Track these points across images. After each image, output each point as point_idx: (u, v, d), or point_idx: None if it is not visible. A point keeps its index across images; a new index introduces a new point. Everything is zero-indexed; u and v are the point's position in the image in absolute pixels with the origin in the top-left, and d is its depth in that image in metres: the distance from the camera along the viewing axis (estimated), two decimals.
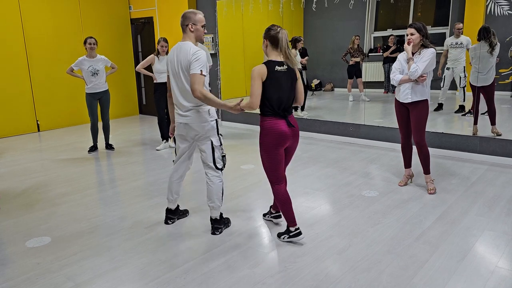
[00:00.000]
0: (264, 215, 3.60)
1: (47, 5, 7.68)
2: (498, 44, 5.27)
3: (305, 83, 7.83)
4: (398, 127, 4.26)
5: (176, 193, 3.46)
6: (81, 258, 2.99)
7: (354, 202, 3.91)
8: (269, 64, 2.93)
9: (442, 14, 7.03)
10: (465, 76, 5.97)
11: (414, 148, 4.16)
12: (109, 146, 6.21)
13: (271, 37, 2.95)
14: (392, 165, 4.99)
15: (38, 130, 7.80)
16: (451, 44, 5.97)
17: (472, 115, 5.48)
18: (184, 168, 3.40)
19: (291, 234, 3.10)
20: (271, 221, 3.52)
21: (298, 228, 3.10)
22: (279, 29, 2.96)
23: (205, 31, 3.20)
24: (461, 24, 5.92)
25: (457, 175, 4.59)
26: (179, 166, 3.39)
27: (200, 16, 3.11)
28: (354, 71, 7.49)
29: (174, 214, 3.55)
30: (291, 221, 3.08)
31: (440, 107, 6.37)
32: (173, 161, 3.40)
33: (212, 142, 3.16)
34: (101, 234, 3.37)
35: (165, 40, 5.85)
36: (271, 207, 3.52)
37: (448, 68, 6.12)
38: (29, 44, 7.51)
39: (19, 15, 7.33)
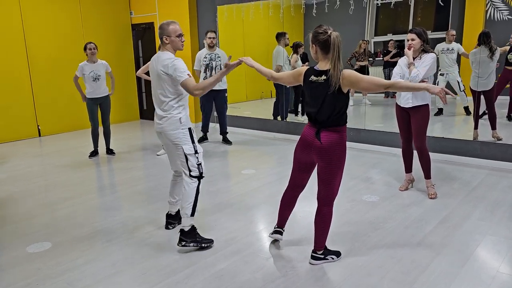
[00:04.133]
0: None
1: (48, 10, 7.71)
2: (498, 49, 5.28)
3: None
4: (398, 131, 4.27)
5: (177, 194, 3.43)
6: (82, 263, 2.99)
7: (355, 207, 3.90)
8: (308, 71, 2.71)
9: (442, 19, 7.05)
10: (461, 80, 6.00)
11: (415, 152, 4.15)
12: (109, 151, 6.21)
13: (321, 43, 2.57)
14: (393, 169, 4.99)
15: (39, 135, 7.81)
16: (443, 50, 6.01)
17: (486, 115, 5.48)
18: (177, 167, 3.39)
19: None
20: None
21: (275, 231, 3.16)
22: (330, 31, 2.55)
23: (183, 39, 3.18)
24: (454, 31, 5.96)
25: (458, 179, 4.59)
26: (172, 165, 3.43)
27: (173, 26, 3.10)
28: None
29: (174, 219, 3.54)
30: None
31: (440, 112, 6.37)
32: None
33: (183, 150, 3.08)
34: (102, 239, 3.37)
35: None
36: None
37: (442, 74, 6.14)
38: (31, 49, 7.53)
39: (21, 21, 7.36)
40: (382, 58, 7.75)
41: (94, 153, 6.11)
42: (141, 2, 8.82)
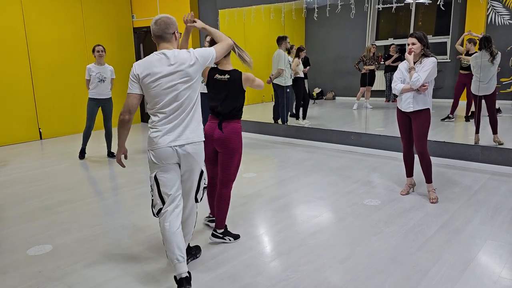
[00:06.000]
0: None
1: (50, 13, 7.74)
2: (499, 53, 5.29)
3: (307, 92, 7.86)
4: (400, 135, 4.27)
5: (183, 247, 2.66)
6: (82, 266, 2.99)
7: (356, 210, 3.90)
8: (212, 70, 3.15)
9: (442, 23, 7.07)
10: None
11: (416, 157, 4.15)
12: (111, 154, 6.22)
13: None
14: (394, 174, 4.98)
15: (41, 138, 7.82)
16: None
17: (451, 119, 5.54)
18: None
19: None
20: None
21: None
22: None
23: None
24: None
25: (459, 184, 4.58)
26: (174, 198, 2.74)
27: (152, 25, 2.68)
28: (367, 79, 7.52)
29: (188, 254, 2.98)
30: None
31: (448, 117, 6.47)
32: None
33: (202, 171, 2.73)
34: (103, 242, 3.37)
35: None
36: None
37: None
38: (32, 52, 7.55)
39: (23, 23, 7.39)
40: (383, 62, 7.77)
41: (83, 152, 6.18)
42: (143, 6, 8.86)
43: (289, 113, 7.40)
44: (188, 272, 2.56)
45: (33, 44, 7.55)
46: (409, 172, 4.32)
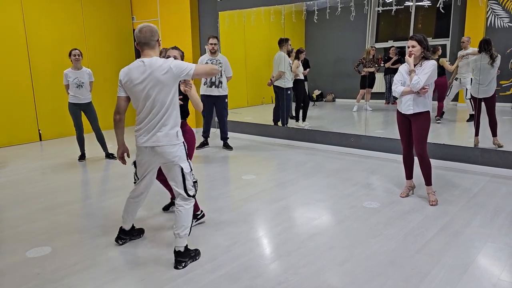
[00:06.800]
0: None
1: (50, 15, 7.75)
2: (499, 56, 5.30)
3: (307, 94, 7.87)
4: (399, 138, 4.27)
5: (132, 213, 3.29)
6: (81, 268, 2.98)
7: (355, 213, 3.90)
8: None
9: (442, 26, 7.08)
10: (470, 87, 6.07)
11: (416, 159, 4.16)
12: (109, 156, 6.21)
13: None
14: (393, 176, 4.98)
15: (40, 140, 7.82)
16: (461, 56, 6.03)
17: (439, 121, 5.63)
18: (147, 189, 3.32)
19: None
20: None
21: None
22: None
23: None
24: (466, 38, 6.02)
25: (458, 186, 4.58)
26: (145, 187, 3.31)
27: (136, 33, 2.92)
28: (367, 81, 7.53)
29: (126, 235, 3.36)
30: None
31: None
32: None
33: (182, 168, 2.93)
34: (102, 244, 3.36)
35: (166, 51, 5.89)
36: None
37: (456, 79, 6.20)
38: (32, 53, 7.56)
39: (23, 24, 7.40)
40: (383, 65, 7.78)
41: (82, 157, 6.18)
42: (143, 8, 8.87)
43: (289, 115, 7.41)
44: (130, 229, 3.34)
45: (33, 46, 7.56)
46: (409, 175, 4.32)
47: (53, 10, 7.78)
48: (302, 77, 7.31)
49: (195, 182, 3.02)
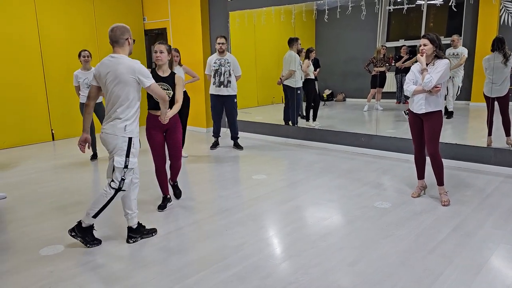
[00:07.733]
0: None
1: (63, 15, 7.83)
2: None
3: (317, 93, 7.84)
4: (411, 137, 4.23)
5: (129, 208, 3.42)
6: (93, 267, 3.01)
7: (366, 213, 3.87)
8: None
9: (454, 24, 6.99)
10: (461, 85, 6.26)
11: (428, 159, 4.11)
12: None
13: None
14: (405, 176, 4.94)
15: (53, 139, 7.91)
16: (448, 55, 6.09)
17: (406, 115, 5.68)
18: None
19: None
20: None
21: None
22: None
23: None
24: (457, 36, 6.25)
25: (471, 186, 4.53)
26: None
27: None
28: (378, 81, 7.48)
29: (136, 233, 3.44)
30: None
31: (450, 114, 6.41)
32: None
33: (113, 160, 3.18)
34: (113, 243, 3.39)
35: (177, 51, 5.90)
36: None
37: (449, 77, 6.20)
38: (45, 54, 7.65)
39: (36, 25, 7.49)
40: (394, 64, 7.71)
41: (95, 156, 6.27)
42: (154, 8, 8.92)
43: (300, 115, 7.39)
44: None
45: (46, 47, 7.65)
46: (421, 175, 4.28)
47: (66, 11, 7.86)
48: (312, 76, 7.28)
49: (123, 179, 3.19)
